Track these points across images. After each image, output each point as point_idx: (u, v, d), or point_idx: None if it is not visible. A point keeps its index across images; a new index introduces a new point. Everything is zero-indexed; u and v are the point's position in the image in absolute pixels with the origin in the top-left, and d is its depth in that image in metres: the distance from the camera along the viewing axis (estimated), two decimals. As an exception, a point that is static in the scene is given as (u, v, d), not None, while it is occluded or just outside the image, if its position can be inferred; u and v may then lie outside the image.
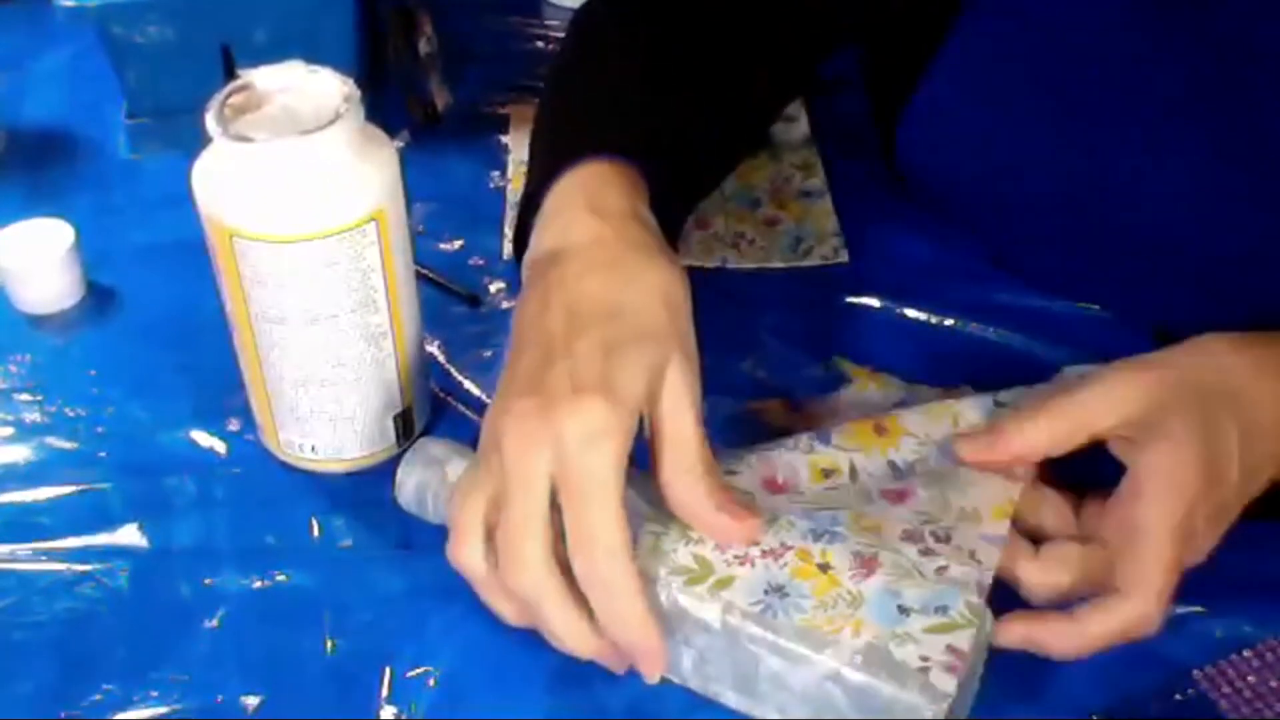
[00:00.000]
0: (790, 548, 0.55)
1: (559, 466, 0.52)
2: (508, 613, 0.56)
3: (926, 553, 0.54)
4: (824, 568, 0.54)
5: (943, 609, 0.52)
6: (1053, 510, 0.58)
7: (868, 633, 0.52)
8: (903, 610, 0.52)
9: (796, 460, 0.60)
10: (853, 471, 0.59)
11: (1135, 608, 0.54)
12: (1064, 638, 0.54)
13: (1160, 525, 0.54)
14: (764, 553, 0.55)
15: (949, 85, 0.73)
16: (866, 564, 0.54)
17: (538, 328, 0.57)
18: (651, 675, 0.54)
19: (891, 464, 0.60)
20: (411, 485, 0.62)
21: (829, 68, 0.84)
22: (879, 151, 0.81)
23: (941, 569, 0.53)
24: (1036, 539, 0.57)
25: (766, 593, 0.53)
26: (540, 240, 0.62)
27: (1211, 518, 0.56)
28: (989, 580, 0.53)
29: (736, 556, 0.55)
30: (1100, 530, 0.57)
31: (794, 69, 0.79)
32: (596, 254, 0.59)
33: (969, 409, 0.62)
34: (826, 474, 0.59)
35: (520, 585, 0.53)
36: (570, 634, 0.54)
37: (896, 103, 0.76)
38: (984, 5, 0.71)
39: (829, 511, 0.56)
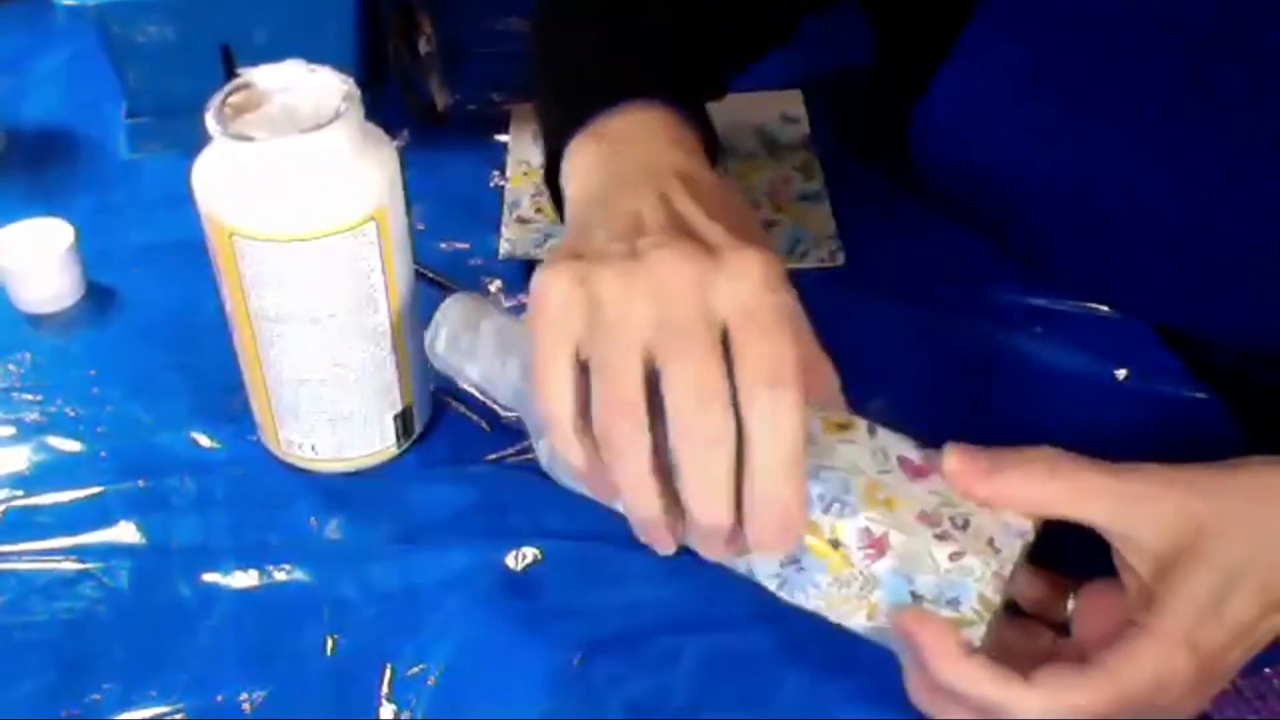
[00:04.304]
0: None
1: (740, 310, 0.48)
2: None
3: (942, 537, 0.51)
4: (835, 544, 0.52)
5: (954, 602, 0.51)
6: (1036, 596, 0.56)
7: (881, 617, 0.52)
8: (915, 596, 0.51)
9: (808, 414, 0.54)
10: (871, 429, 0.54)
11: (1161, 649, 0.49)
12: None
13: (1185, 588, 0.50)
14: None
15: (959, 84, 0.73)
16: (876, 544, 0.52)
17: (654, 199, 0.53)
18: (785, 543, 0.50)
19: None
20: (444, 337, 0.60)
21: (831, 69, 0.84)
22: (887, 144, 0.81)
23: (956, 555, 0.51)
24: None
25: (784, 565, 0.53)
26: (615, 164, 0.58)
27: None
28: (1008, 571, 0.50)
29: None
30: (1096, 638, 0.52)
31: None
32: (699, 178, 0.56)
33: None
34: (841, 427, 0.54)
35: (708, 428, 0.48)
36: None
37: (910, 95, 0.76)
38: (992, 5, 0.71)
39: (841, 474, 0.53)
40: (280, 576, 0.63)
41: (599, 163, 0.59)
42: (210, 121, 0.59)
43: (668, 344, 0.48)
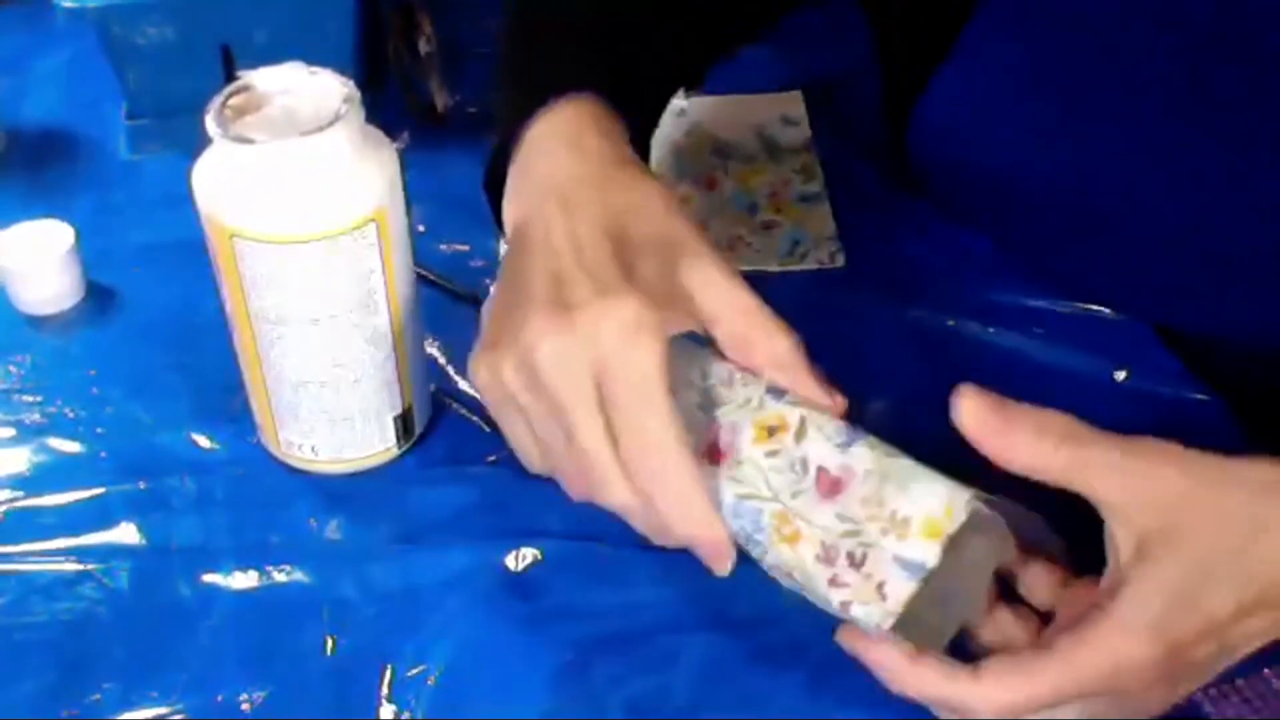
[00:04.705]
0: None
1: (600, 370, 0.51)
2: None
3: (834, 582, 0.51)
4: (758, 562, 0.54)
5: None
6: (1017, 626, 0.55)
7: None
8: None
9: (742, 420, 0.54)
10: (801, 428, 0.53)
11: (1120, 635, 0.49)
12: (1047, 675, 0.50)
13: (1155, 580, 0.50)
14: None
15: (959, 84, 0.73)
16: (789, 578, 0.53)
17: (541, 254, 0.55)
18: (721, 570, 0.53)
19: (851, 425, 0.54)
20: None
21: (831, 69, 0.84)
22: (886, 145, 0.81)
23: (845, 604, 0.51)
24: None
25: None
26: (521, 190, 0.60)
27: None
28: (889, 624, 0.50)
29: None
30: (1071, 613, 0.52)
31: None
32: (586, 187, 0.57)
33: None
34: (771, 432, 0.54)
35: (613, 500, 0.53)
36: (677, 520, 0.52)
37: (910, 95, 0.76)
38: (992, 5, 0.71)
39: (754, 505, 0.53)
40: (280, 577, 0.63)
41: (508, 201, 0.61)
42: (210, 124, 0.59)
43: (562, 428, 0.52)
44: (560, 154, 0.59)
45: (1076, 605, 0.53)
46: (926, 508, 0.50)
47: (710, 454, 0.54)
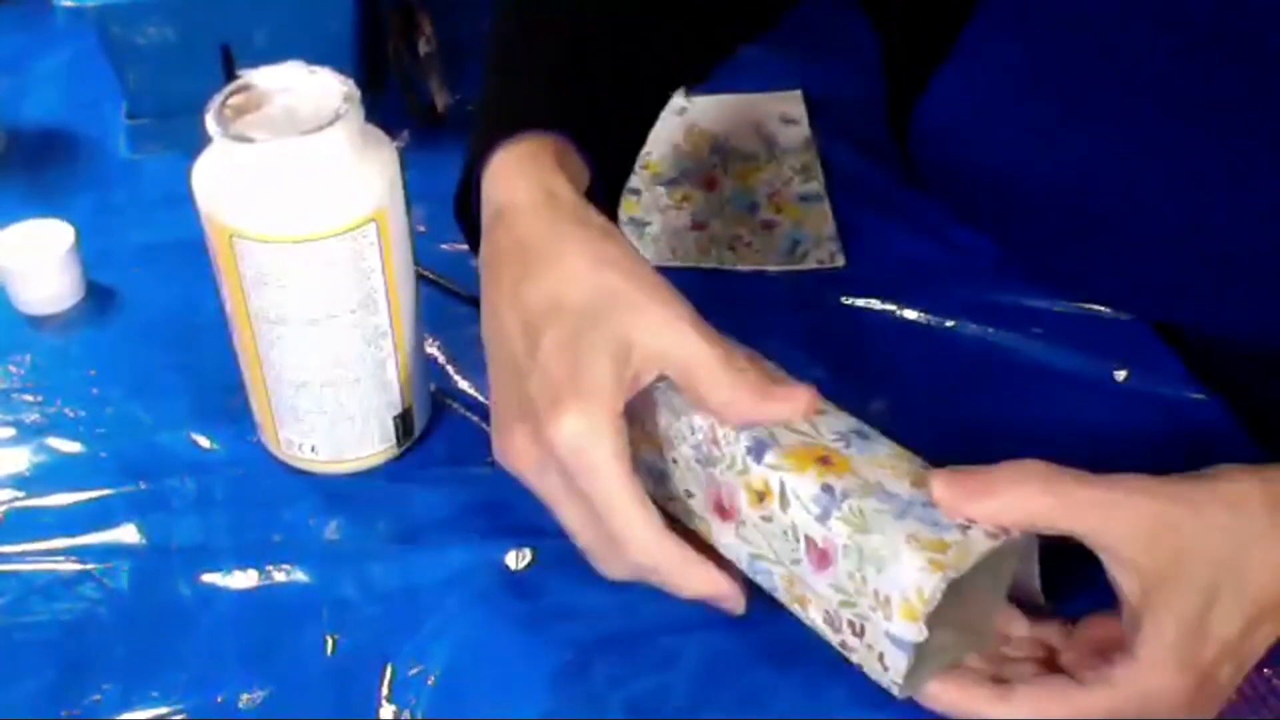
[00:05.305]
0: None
1: (567, 474, 0.53)
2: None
3: (844, 646, 0.53)
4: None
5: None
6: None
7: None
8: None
9: (734, 482, 0.55)
10: (783, 496, 0.53)
11: (1149, 673, 0.51)
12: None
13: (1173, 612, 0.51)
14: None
15: (959, 84, 0.73)
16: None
17: (502, 346, 0.57)
18: (737, 610, 0.56)
19: (826, 487, 0.53)
20: None
21: (832, 69, 0.84)
22: (891, 144, 0.81)
23: (859, 666, 0.53)
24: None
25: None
26: (483, 236, 0.60)
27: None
28: (896, 690, 0.52)
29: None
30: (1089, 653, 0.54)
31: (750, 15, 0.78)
32: (524, 253, 0.57)
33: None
34: (760, 497, 0.54)
35: (616, 577, 0.57)
36: (690, 584, 0.55)
37: (911, 95, 0.76)
38: (992, 5, 0.71)
39: (766, 566, 0.55)
40: (280, 576, 0.63)
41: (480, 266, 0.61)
42: (210, 123, 0.59)
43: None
44: (503, 209, 0.59)
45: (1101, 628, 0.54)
46: (901, 589, 0.50)
47: (718, 511, 0.56)
